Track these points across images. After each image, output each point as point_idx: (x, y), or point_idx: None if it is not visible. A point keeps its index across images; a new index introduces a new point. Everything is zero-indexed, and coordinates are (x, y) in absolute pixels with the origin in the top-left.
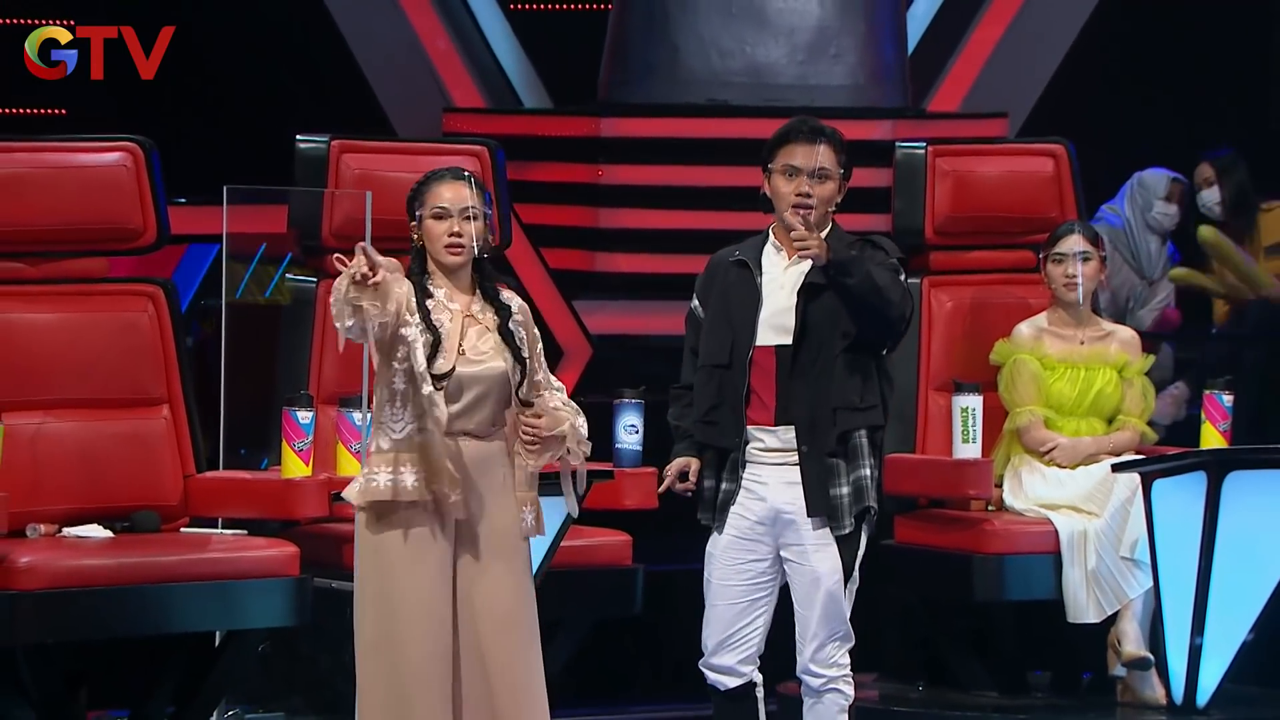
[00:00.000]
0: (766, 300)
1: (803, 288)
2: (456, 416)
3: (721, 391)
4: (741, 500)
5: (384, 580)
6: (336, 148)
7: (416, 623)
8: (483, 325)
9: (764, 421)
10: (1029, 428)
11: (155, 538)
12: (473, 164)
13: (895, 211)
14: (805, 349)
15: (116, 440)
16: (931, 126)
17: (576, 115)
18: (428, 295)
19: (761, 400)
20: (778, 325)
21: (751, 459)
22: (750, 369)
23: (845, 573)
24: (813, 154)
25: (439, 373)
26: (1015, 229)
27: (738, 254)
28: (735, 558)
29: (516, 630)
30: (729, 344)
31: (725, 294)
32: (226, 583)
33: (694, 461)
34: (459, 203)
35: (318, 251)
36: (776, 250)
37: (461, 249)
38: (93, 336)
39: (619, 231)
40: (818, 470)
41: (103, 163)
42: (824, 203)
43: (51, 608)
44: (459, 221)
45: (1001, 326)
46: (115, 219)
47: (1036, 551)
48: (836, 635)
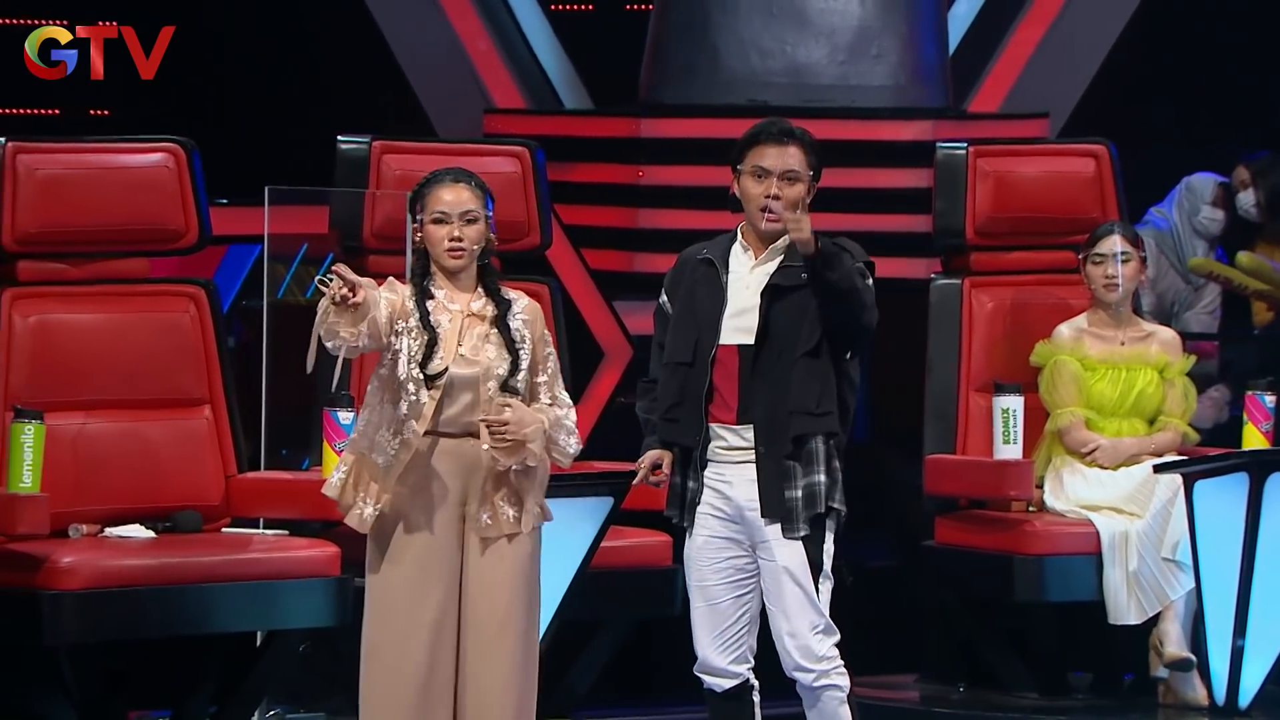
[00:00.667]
0: (731, 299)
1: (767, 288)
2: (453, 417)
3: (684, 389)
4: (708, 499)
5: (385, 585)
6: (378, 148)
7: (415, 631)
8: (484, 324)
9: (726, 420)
10: (1070, 429)
11: (197, 538)
12: (513, 165)
13: (936, 212)
14: (767, 350)
15: (158, 441)
16: (972, 127)
17: (617, 116)
18: (428, 296)
19: (724, 399)
20: (741, 325)
21: (714, 457)
22: (713, 367)
23: (814, 569)
24: (783, 155)
25: (433, 373)
26: (1056, 230)
27: (705, 252)
28: (711, 557)
29: (515, 633)
30: (693, 342)
31: (691, 292)
32: (268, 583)
33: (666, 454)
34: (458, 206)
35: (359, 252)
36: (744, 250)
37: (462, 253)
38: (135, 337)
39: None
40: (773, 471)
41: (144, 164)
42: (793, 204)
43: (93, 608)
44: (459, 226)
45: (1042, 327)
46: (157, 220)
47: (1078, 552)
48: (816, 628)
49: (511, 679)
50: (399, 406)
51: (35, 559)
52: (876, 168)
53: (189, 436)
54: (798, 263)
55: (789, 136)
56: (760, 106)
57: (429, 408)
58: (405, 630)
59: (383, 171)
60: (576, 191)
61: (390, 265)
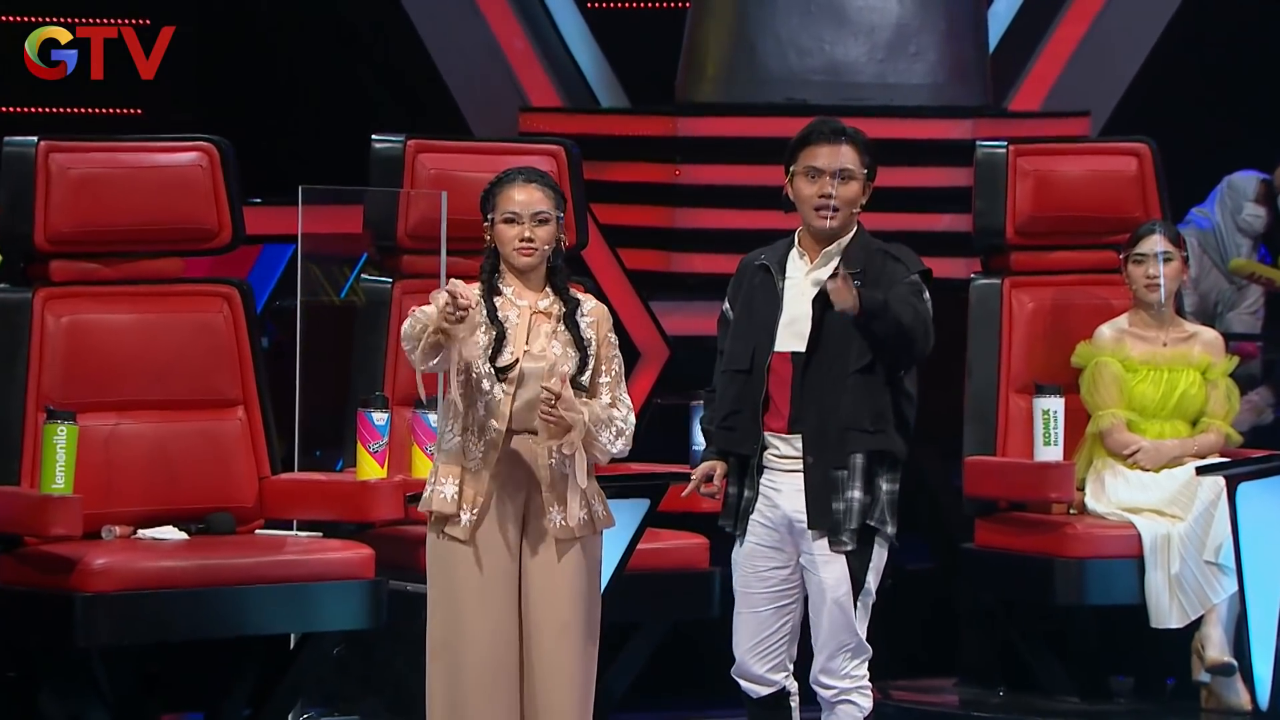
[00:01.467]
0: (787, 305)
1: (819, 295)
2: (519, 412)
3: (741, 397)
4: (759, 507)
5: (448, 584)
6: (412, 147)
7: (477, 629)
8: (551, 321)
9: (779, 429)
10: (1112, 430)
11: (230, 540)
12: (549, 163)
13: (976, 211)
14: (818, 358)
15: (191, 441)
16: (1013, 125)
17: (653, 115)
18: (496, 293)
19: (777, 407)
20: (796, 331)
21: (768, 465)
22: (769, 375)
23: (855, 586)
24: (835, 154)
25: (502, 365)
26: (1097, 229)
27: (763, 257)
28: (757, 565)
29: (575, 637)
30: (751, 349)
31: (750, 298)
32: (302, 585)
33: (719, 465)
34: (530, 207)
35: (393, 252)
36: (800, 255)
37: (533, 252)
38: (168, 337)
39: (696, 232)
40: (821, 482)
41: (179, 163)
42: (847, 204)
43: (126, 610)
44: (530, 226)
45: (1083, 328)
46: (191, 219)
47: (1119, 555)
48: (846, 647)
49: (573, 682)
50: (477, 407)
51: (68, 561)
52: (915, 167)
53: (222, 437)
54: (853, 268)
55: (841, 135)
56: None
57: (505, 403)
58: (469, 630)
59: (417, 171)
60: (613, 191)
61: (424, 265)
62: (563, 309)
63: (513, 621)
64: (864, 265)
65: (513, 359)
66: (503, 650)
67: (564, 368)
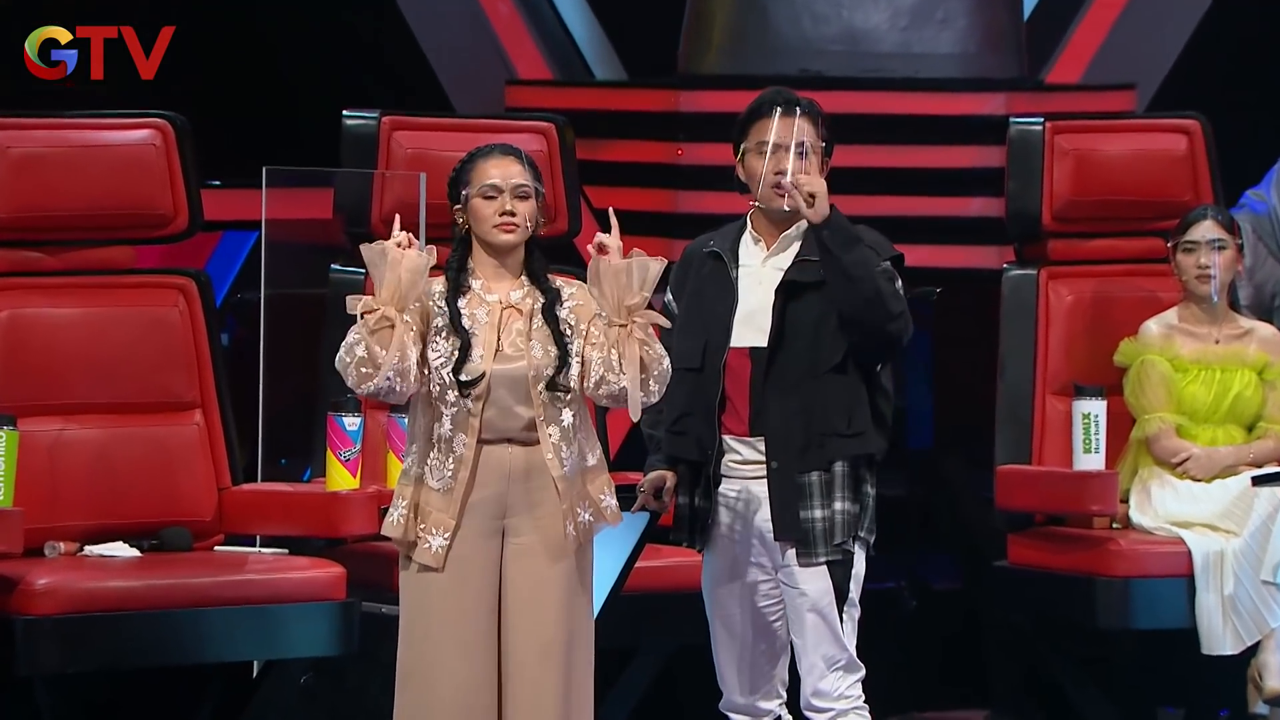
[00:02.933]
0: (743, 297)
1: (781, 285)
2: (494, 421)
3: (692, 398)
4: (723, 520)
5: (420, 613)
6: (387, 124)
7: (449, 657)
8: (523, 317)
9: (738, 431)
10: (1159, 436)
11: (186, 557)
12: (538, 142)
13: (1009, 194)
14: (781, 353)
15: (143, 449)
16: (1050, 100)
17: (654, 88)
18: (462, 292)
19: (735, 408)
20: (755, 325)
21: (728, 472)
22: (724, 373)
23: (839, 597)
24: (789, 127)
25: (469, 378)
26: (1143, 214)
27: (712, 244)
28: (731, 585)
29: (559, 659)
30: (702, 345)
31: (699, 289)
32: (265, 607)
33: (669, 475)
34: (510, 179)
35: (366, 239)
36: (754, 241)
37: (515, 227)
38: (117, 333)
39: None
40: (787, 490)
41: (129, 141)
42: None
43: (72, 634)
44: (511, 200)
45: (1127, 323)
46: (143, 203)
47: (1167, 575)
48: (836, 664)
49: (555, 711)
50: (443, 422)
51: (8, 581)
52: (942, 145)
53: (178, 444)
54: (815, 256)
55: (795, 106)
56: (813, 77)
57: (475, 414)
58: (440, 656)
59: (393, 150)
60: (609, 172)
61: None
62: (539, 301)
63: (490, 646)
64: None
65: (479, 371)
66: (478, 679)
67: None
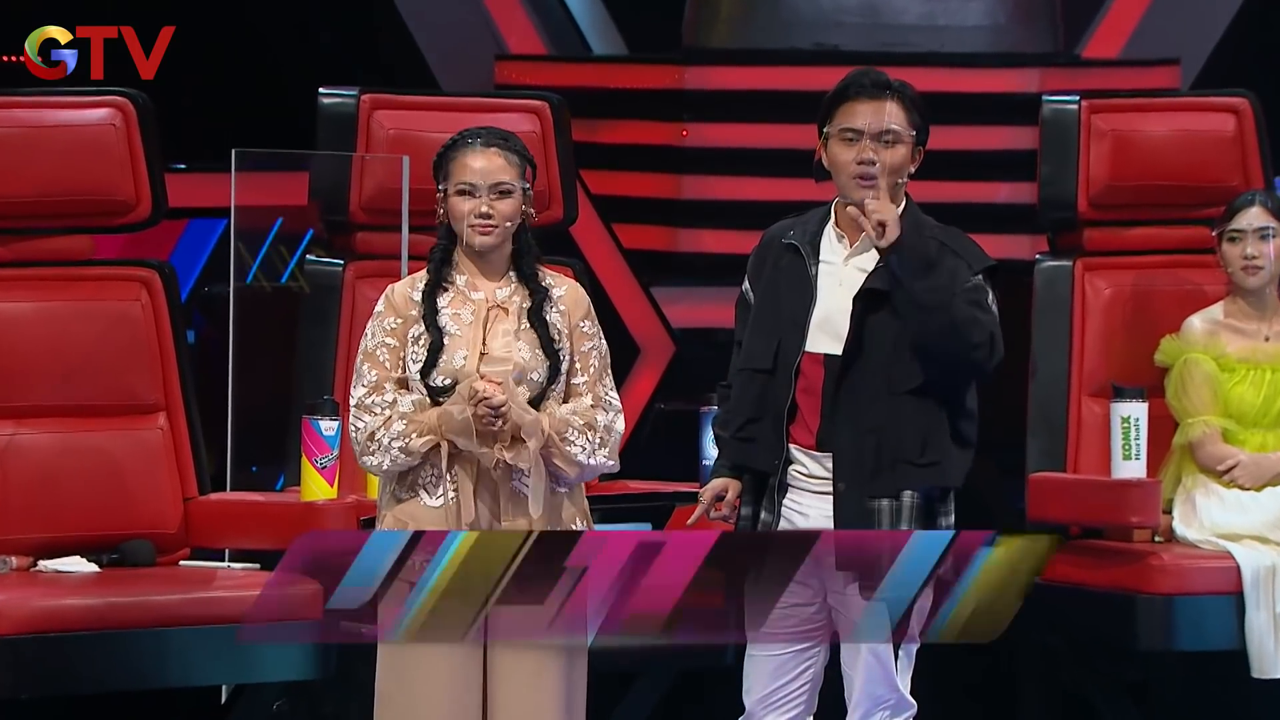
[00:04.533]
0: (821, 297)
1: (861, 292)
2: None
3: (760, 403)
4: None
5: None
6: (367, 103)
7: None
8: (510, 317)
9: (805, 443)
10: (1203, 441)
11: (149, 573)
12: (531, 122)
13: (1041, 179)
14: (857, 366)
15: (102, 455)
16: (1087, 76)
17: (656, 63)
18: (443, 287)
19: (805, 418)
20: (831, 330)
21: (793, 483)
22: (797, 378)
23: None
24: (879, 112)
25: (437, 385)
26: (1188, 200)
27: (792, 234)
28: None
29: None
30: (774, 345)
31: (775, 283)
32: (235, 627)
33: (733, 484)
34: (489, 177)
35: (344, 228)
36: (838, 236)
37: (491, 230)
38: (74, 330)
39: (707, 204)
40: (854, 513)
41: (86, 121)
42: (892, 172)
43: (25, 657)
44: (488, 200)
45: (1170, 318)
46: (101, 188)
47: (1214, 592)
48: (884, 704)
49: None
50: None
51: None
52: (970, 125)
53: (140, 450)
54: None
55: (886, 89)
56: (829, 51)
57: None
58: (422, 681)
59: (373, 130)
60: (607, 155)
61: (381, 242)
62: (527, 302)
63: (476, 670)
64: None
65: (450, 381)
66: (463, 705)
67: (535, 375)
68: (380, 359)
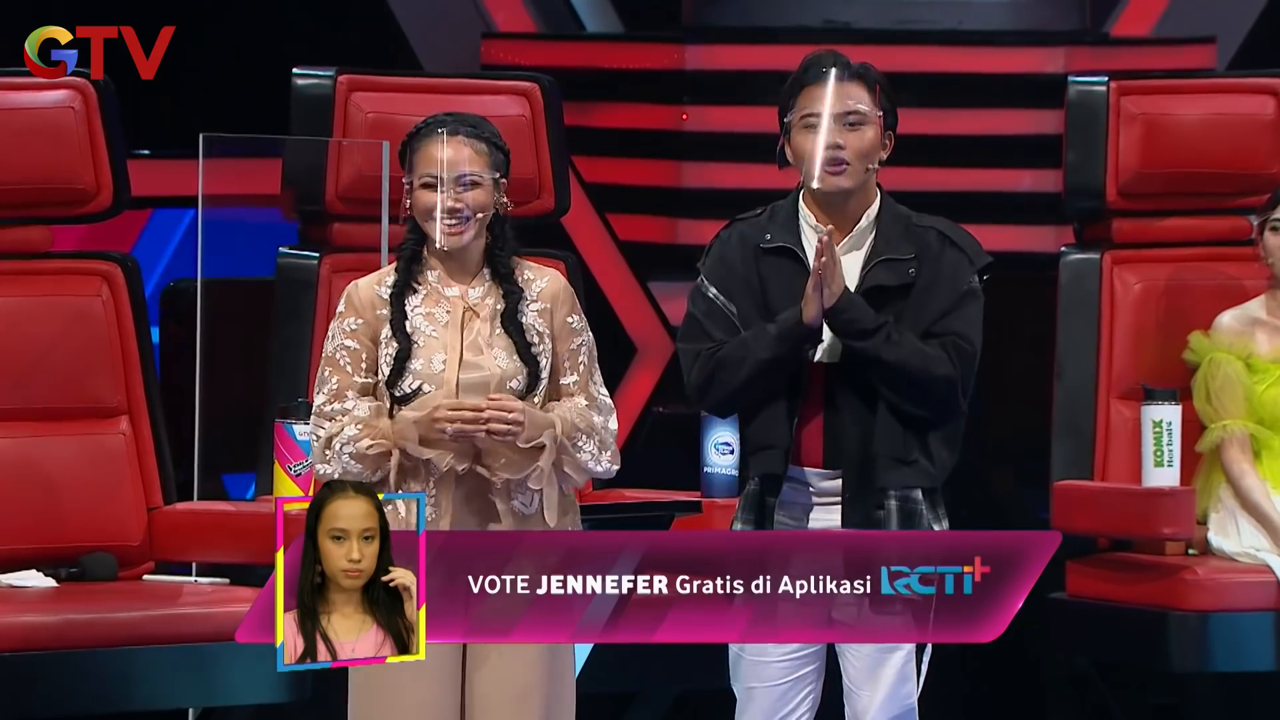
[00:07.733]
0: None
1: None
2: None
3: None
4: None
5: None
6: (344, 84)
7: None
8: (482, 320)
9: (808, 452)
10: (1223, 447)
11: (110, 588)
12: (519, 105)
13: (1067, 166)
14: (859, 369)
15: (62, 462)
16: (1116, 55)
17: (654, 42)
18: (413, 287)
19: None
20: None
21: (794, 497)
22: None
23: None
24: (840, 94)
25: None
26: (1224, 188)
27: (770, 238)
28: None
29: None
30: None
31: (763, 290)
32: (202, 646)
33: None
34: (454, 168)
35: (320, 218)
36: (814, 229)
37: (460, 230)
38: (30, 328)
39: (709, 192)
40: (859, 525)
41: (42, 104)
42: (861, 157)
43: None
44: (454, 193)
45: (1205, 315)
46: (59, 176)
47: (1252, 608)
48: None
49: None
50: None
51: None
52: (990, 109)
53: (101, 457)
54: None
55: (845, 70)
56: (839, 29)
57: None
58: (398, 704)
59: (351, 114)
60: (602, 140)
61: (359, 234)
62: (501, 303)
63: (454, 690)
64: (916, 249)
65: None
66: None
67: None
68: (341, 363)
